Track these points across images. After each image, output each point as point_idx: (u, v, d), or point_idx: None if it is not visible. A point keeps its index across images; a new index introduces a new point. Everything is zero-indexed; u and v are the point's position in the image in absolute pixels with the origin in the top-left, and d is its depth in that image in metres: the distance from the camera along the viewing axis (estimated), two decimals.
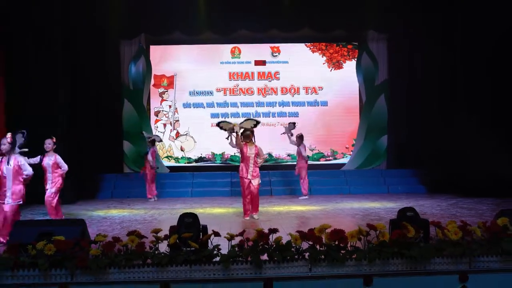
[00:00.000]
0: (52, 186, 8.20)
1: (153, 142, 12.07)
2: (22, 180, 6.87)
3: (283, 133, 12.30)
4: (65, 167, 8.27)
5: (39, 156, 8.20)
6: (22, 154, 7.11)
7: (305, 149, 12.00)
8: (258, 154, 8.69)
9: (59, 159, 8.24)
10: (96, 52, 12.55)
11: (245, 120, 9.33)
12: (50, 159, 8.22)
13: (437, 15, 12.00)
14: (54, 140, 8.30)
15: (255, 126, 9.03)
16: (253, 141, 8.81)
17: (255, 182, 8.67)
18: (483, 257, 3.91)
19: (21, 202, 6.90)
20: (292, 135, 12.05)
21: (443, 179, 11.97)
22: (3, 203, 6.75)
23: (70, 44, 11.58)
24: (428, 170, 12.65)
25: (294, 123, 12.22)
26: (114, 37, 13.29)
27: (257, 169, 8.74)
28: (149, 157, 11.75)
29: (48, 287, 3.74)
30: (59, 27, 11.34)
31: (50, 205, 8.15)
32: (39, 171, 7.94)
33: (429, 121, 12.38)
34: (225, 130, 9.11)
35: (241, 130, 8.78)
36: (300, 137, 11.90)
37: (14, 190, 6.78)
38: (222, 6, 12.64)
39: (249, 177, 8.63)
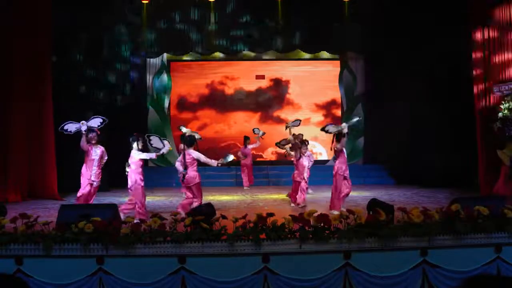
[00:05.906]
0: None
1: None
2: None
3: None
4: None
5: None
6: None
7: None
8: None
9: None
10: (128, 69, 12.74)
11: (293, 122, 10.38)
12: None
13: (401, 39, 12.02)
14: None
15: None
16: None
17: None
18: (440, 236, 3.94)
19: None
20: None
21: (408, 173, 11.97)
22: None
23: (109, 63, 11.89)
24: (396, 165, 12.65)
25: (299, 120, 11.00)
26: (141, 56, 13.39)
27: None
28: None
29: (87, 258, 3.77)
30: (103, 48, 11.90)
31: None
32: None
33: (397, 125, 12.36)
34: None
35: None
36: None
37: None
38: (229, 31, 12.79)
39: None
